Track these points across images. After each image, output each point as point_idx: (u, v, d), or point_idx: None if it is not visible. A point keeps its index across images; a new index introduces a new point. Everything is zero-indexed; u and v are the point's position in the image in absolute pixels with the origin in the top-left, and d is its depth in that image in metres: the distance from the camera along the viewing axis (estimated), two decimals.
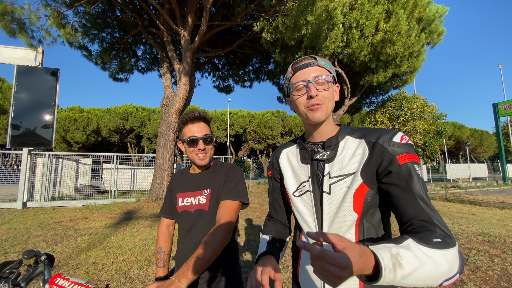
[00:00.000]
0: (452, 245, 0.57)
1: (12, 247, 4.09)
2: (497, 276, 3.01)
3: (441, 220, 0.63)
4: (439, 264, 0.53)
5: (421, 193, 0.67)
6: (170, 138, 8.98)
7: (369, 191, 0.73)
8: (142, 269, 3.24)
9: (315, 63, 0.80)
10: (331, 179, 0.78)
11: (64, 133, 25.78)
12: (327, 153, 0.80)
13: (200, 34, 8.15)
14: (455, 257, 0.56)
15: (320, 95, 0.77)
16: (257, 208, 7.90)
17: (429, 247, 0.55)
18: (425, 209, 0.64)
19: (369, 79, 10.28)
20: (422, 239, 0.57)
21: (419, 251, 0.54)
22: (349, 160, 0.77)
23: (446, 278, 0.54)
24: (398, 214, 0.69)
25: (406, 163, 0.70)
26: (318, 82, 0.78)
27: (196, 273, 0.87)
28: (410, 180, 0.68)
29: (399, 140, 0.73)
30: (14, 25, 6.64)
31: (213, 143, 1.24)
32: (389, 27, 8.63)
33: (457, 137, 35.52)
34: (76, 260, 3.54)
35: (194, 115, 1.19)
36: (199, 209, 1.18)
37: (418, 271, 0.51)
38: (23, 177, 8.11)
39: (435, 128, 12.33)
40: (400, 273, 0.50)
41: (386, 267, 0.49)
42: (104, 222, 5.96)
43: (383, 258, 0.50)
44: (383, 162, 0.72)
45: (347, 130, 0.83)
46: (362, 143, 0.77)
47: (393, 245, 0.54)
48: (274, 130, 30.82)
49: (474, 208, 7.91)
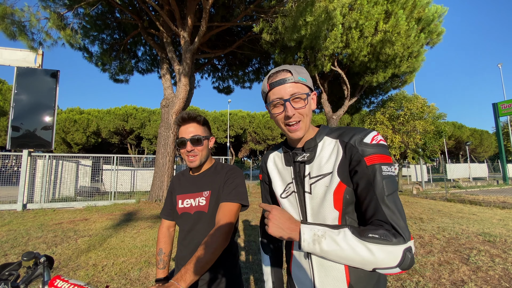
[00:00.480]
0: (393, 243, 0.64)
1: (12, 248, 4.08)
2: (498, 276, 3.00)
3: (399, 221, 0.67)
4: (359, 254, 0.64)
5: (382, 194, 0.70)
6: (170, 139, 8.98)
7: (346, 189, 0.76)
8: (142, 271, 3.23)
9: (291, 79, 0.79)
10: (311, 179, 0.81)
11: (64, 135, 25.79)
12: (307, 154, 0.84)
13: (200, 35, 8.17)
14: (392, 253, 0.63)
15: (297, 113, 0.80)
16: (257, 209, 7.89)
17: (358, 238, 0.65)
18: (384, 210, 0.69)
19: (368, 79, 10.29)
20: (359, 232, 0.66)
21: (343, 238, 0.66)
22: (327, 161, 0.80)
23: (376, 267, 0.65)
24: (361, 212, 0.75)
25: (374, 164, 0.72)
26: (294, 101, 0.79)
27: (196, 275, 0.86)
28: (374, 181, 0.71)
29: (369, 141, 0.75)
30: (14, 28, 6.65)
31: (204, 144, 1.22)
32: (388, 28, 8.65)
33: (457, 137, 35.53)
34: (76, 261, 3.53)
35: (182, 117, 1.19)
36: (199, 211, 1.18)
37: (337, 253, 0.66)
38: (23, 178, 8.11)
39: (435, 128, 12.33)
40: (318, 248, 0.67)
41: (305, 240, 0.68)
42: (104, 223, 5.96)
43: (304, 232, 0.69)
44: (352, 162, 0.75)
45: (325, 130, 0.86)
46: (337, 143, 0.80)
47: (327, 228, 0.69)
48: (274, 130, 30.83)
49: (475, 208, 7.90)
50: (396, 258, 0.63)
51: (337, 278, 0.77)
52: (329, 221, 0.77)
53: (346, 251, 0.65)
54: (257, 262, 3.55)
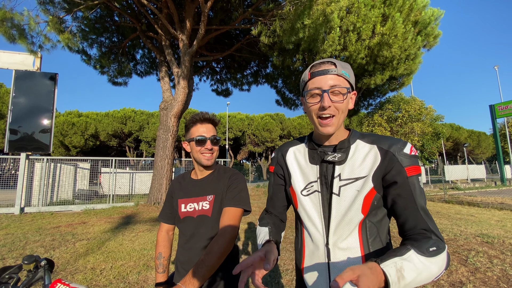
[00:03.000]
0: (443, 249, 0.68)
1: (9, 252, 4.06)
2: (496, 277, 3.02)
3: (435, 227, 0.72)
4: (432, 270, 0.65)
5: (422, 204, 0.74)
6: (168, 142, 8.98)
7: (376, 195, 0.77)
8: (141, 274, 3.22)
9: (333, 70, 0.77)
10: (341, 181, 0.80)
11: (62, 138, 25.71)
12: (339, 155, 0.81)
13: (199, 38, 8.21)
14: (444, 260, 0.67)
15: (333, 106, 0.77)
16: (257, 211, 7.88)
17: (426, 256, 0.65)
18: (425, 219, 0.72)
19: (366, 82, 10.36)
20: (421, 248, 0.66)
21: (418, 261, 0.64)
22: (360, 164, 0.79)
23: (434, 278, 0.66)
24: (400, 222, 0.76)
25: (413, 176, 0.75)
26: (333, 93, 0.77)
27: (202, 280, 0.89)
28: (414, 192, 0.74)
29: (408, 151, 0.76)
30: (14, 31, 6.67)
31: (218, 145, 1.26)
32: (385, 30, 8.73)
33: (455, 139, 35.72)
34: (74, 265, 3.51)
35: (204, 116, 1.21)
36: (202, 215, 1.19)
37: (416, 279, 0.62)
38: (21, 182, 8.06)
39: (433, 130, 12.41)
40: (402, 283, 0.60)
41: (393, 282, 0.58)
42: (102, 226, 5.93)
43: (391, 275, 0.59)
44: (391, 171, 0.75)
45: (357, 134, 0.85)
46: (374, 149, 0.79)
47: (398, 259, 0.62)
48: (273, 133, 30.89)
49: (473, 209, 7.93)
50: (445, 263, 0.67)
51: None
52: (353, 224, 0.77)
53: (423, 273, 0.63)
54: None
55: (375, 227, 0.79)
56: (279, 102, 13.51)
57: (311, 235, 0.85)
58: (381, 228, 0.80)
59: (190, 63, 9.00)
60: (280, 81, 12.75)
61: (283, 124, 31.89)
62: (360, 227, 0.78)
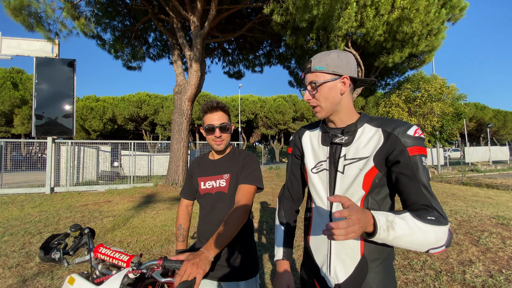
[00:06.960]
0: (444, 224, 0.71)
1: (45, 227, 4.50)
2: (508, 257, 3.04)
3: (439, 205, 0.76)
4: (428, 236, 0.68)
5: (424, 182, 0.78)
6: (183, 125, 9.19)
7: (378, 174, 0.84)
8: (163, 247, 3.51)
9: (309, 69, 0.91)
10: (346, 160, 0.88)
11: (82, 122, 26.80)
12: (345, 138, 0.90)
13: (210, 19, 8.08)
14: (444, 233, 0.71)
15: (314, 98, 0.92)
16: (269, 192, 8.09)
17: (422, 221, 0.69)
18: (427, 195, 0.77)
19: (384, 60, 9.89)
20: (419, 215, 0.71)
21: (412, 221, 0.69)
22: (364, 146, 0.86)
23: (432, 247, 0.70)
24: (403, 198, 0.82)
25: (415, 155, 0.79)
26: (312, 88, 0.91)
27: (220, 247, 1.02)
28: (416, 171, 0.79)
29: (412, 133, 0.81)
30: (31, 19, 6.85)
31: (229, 131, 1.35)
32: (406, 4, 8.17)
33: (478, 119, 33.88)
34: (104, 239, 3.86)
35: (212, 105, 1.30)
36: (220, 191, 1.32)
37: (407, 236, 0.67)
38: (49, 164, 8.65)
39: (454, 110, 11.83)
40: (392, 234, 0.66)
41: (381, 227, 0.65)
42: (125, 205, 6.36)
43: (379, 220, 0.65)
44: (394, 152, 0.81)
45: (366, 118, 0.92)
46: (379, 132, 0.86)
47: (392, 214, 0.69)
48: (286, 115, 30.59)
49: (491, 192, 7.74)
50: (445, 238, 0.71)
51: (352, 247, 0.85)
52: (355, 199, 0.86)
53: (416, 233, 0.67)
54: (270, 241, 3.75)
55: (377, 204, 0.86)
56: (292, 84, 13.26)
57: (318, 209, 0.95)
58: (382, 206, 0.87)
59: (202, 45, 8.94)
60: (293, 62, 12.41)
61: (296, 106, 31.38)
62: (362, 202, 0.86)
